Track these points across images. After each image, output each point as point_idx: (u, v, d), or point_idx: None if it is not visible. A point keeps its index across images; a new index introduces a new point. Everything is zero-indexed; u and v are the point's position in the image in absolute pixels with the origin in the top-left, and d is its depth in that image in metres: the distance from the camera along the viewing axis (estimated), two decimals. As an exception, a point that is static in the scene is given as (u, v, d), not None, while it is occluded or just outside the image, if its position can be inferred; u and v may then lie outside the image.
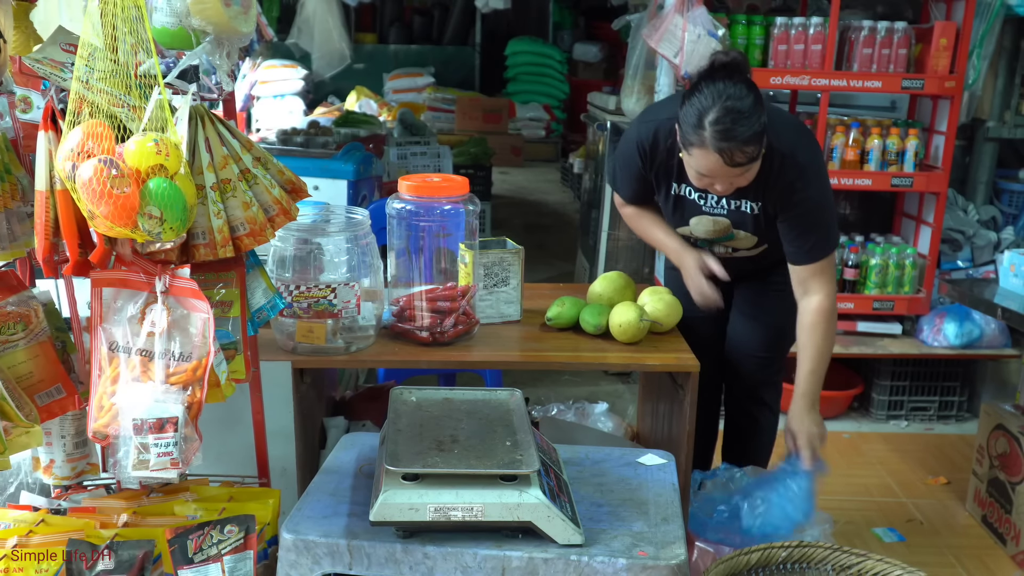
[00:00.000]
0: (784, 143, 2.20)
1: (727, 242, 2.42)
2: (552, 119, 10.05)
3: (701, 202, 2.35)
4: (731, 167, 2.07)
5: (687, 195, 2.37)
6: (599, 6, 9.52)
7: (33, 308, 1.67)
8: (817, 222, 2.27)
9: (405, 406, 1.91)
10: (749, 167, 2.11)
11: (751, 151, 2.06)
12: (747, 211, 2.31)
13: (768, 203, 2.28)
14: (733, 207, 2.32)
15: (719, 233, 2.39)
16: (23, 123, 1.73)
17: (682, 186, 2.36)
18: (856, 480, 3.47)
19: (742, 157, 2.06)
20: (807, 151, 2.25)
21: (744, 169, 2.10)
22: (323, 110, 7.92)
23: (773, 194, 2.25)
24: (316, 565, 1.65)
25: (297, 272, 2.15)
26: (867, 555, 1.89)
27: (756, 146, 2.06)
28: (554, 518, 1.61)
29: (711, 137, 2.03)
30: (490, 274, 2.41)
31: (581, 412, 3.07)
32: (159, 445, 1.54)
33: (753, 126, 2.03)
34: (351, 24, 9.49)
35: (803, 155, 2.22)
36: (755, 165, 2.12)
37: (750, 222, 2.34)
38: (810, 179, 2.22)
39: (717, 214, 2.35)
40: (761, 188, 2.24)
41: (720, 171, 2.10)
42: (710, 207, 2.35)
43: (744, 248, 2.42)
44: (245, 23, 1.68)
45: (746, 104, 2.03)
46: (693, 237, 2.45)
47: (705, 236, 2.42)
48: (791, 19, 3.63)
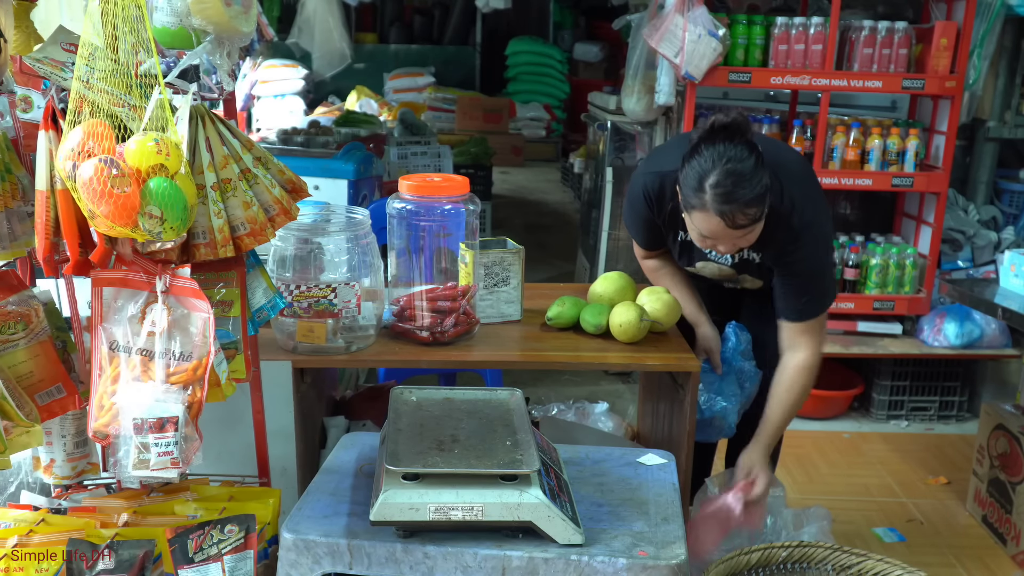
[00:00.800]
0: (785, 203, 2.16)
1: (733, 285, 2.47)
2: (552, 119, 10.05)
3: (707, 251, 2.33)
4: (733, 229, 2.05)
5: (692, 242, 2.31)
6: (600, 6, 9.52)
7: (33, 307, 1.67)
8: (811, 284, 2.26)
9: (405, 406, 1.91)
10: (752, 228, 2.08)
11: (753, 213, 2.03)
12: (750, 260, 2.32)
13: (766, 257, 2.28)
14: (737, 258, 2.33)
15: (725, 277, 2.43)
16: (24, 122, 1.73)
17: (687, 234, 2.31)
18: (856, 480, 3.47)
19: (744, 219, 2.03)
20: (808, 210, 2.20)
21: (747, 231, 2.08)
22: (323, 110, 7.92)
23: (770, 251, 2.24)
24: (316, 565, 1.65)
25: (297, 272, 2.15)
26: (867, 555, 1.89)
27: (758, 208, 2.03)
28: (554, 518, 1.61)
29: (712, 200, 2.01)
30: (490, 274, 2.41)
31: (581, 412, 3.07)
32: (159, 445, 1.54)
33: (755, 188, 2.00)
34: (351, 24, 9.49)
35: (802, 216, 2.18)
36: (758, 226, 2.09)
37: (755, 269, 2.34)
38: (807, 241, 2.20)
39: (722, 263, 2.36)
40: (759, 243, 2.20)
41: (722, 233, 2.07)
42: (714, 256, 2.35)
43: (752, 287, 2.44)
44: (246, 23, 1.68)
45: (747, 166, 2.00)
46: (701, 277, 2.47)
47: (712, 278, 2.45)
48: (792, 19, 3.64)
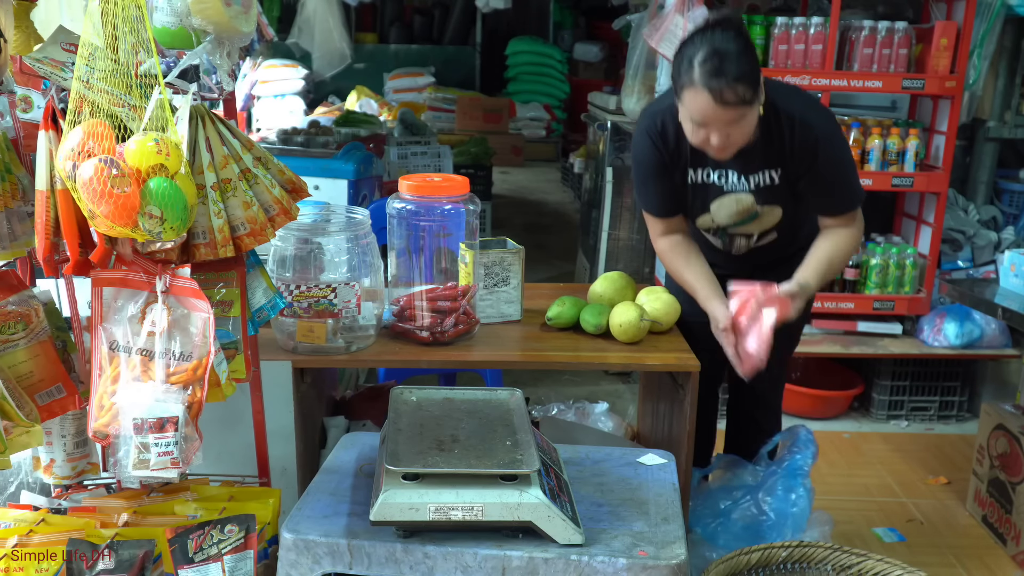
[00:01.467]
0: (796, 107, 2.22)
1: (750, 224, 2.36)
2: (552, 119, 10.05)
3: (722, 182, 2.31)
4: (721, 107, 2.05)
5: (705, 179, 2.33)
6: (600, 6, 9.52)
7: (33, 307, 1.67)
8: (841, 177, 2.28)
9: (405, 406, 1.91)
10: (742, 114, 2.08)
11: (741, 91, 2.04)
12: (769, 182, 2.29)
13: (789, 168, 2.27)
14: (754, 183, 2.29)
15: (742, 215, 2.33)
16: (24, 122, 1.73)
17: (698, 171, 2.33)
18: (856, 480, 3.47)
19: (732, 96, 2.03)
20: (820, 113, 2.27)
21: (736, 114, 2.07)
22: (323, 110, 7.92)
23: (795, 158, 2.25)
24: (316, 565, 1.65)
25: (297, 272, 2.15)
26: (867, 555, 1.89)
27: (747, 87, 2.04)
28: (554, 518, 1.61)
29: (700, 76, 2.03)
30: (490, 274, 2.41)
31: (581, 412, 3.07)
32: (159, 445, 1.54)
33: (743, 66, 2.03)
34: (351, 24, 9.49)
35: (816, 116, 2.24)
36: (749, 114, 2.10)
37: (772, 193, 2.30)
38: (828, 137, 2.23)
39: (740, 191, 2.31)
40: (780, 154, 2.24)
41: (712, 113, 2.07)
42: (731, 186, 2.31)
43: (769, 226, 2.37)
44: (246, 23, 1.68)
45: (735, 47, 2.04)
46: (715, 226, 2.39)
47: (728, 221, 2.36)
48: (792, 19, 3.64)
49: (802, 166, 2.25)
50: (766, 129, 2.21)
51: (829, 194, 2.30)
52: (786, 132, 2.21)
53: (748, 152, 2.23)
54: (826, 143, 2.23)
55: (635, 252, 4.40)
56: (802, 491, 2.31)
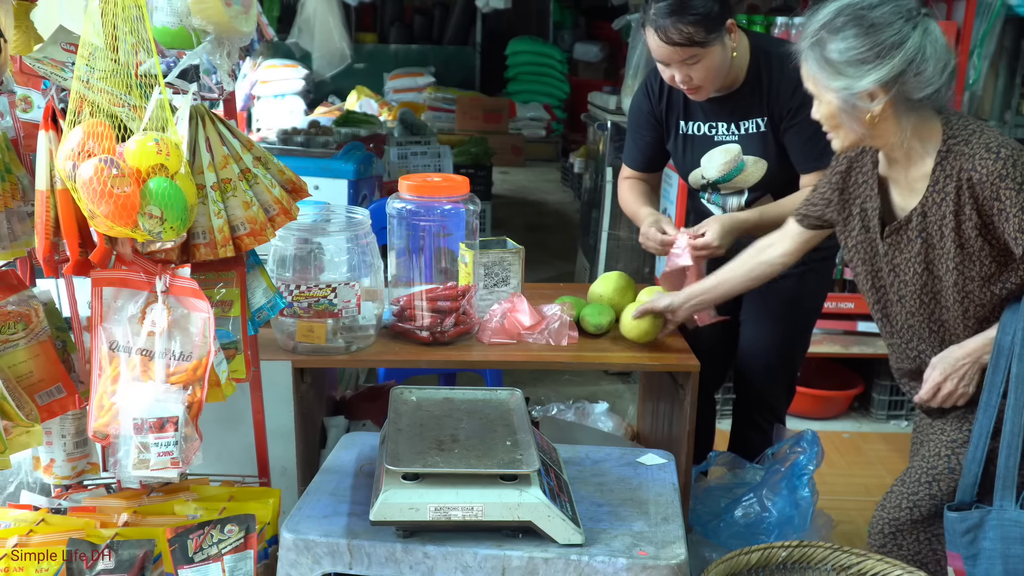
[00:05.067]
0: (783, 49, 2.26)
1: (737, 177, 2.42)
2: (553, 119, 10.04)
3: (712, 132, 2.40)
4: (669, 45, 2.17)
5: (695, 132, 2.43)
6: (600, 6, 9.51)
7: (33, 307, 1.67)
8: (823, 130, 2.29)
9: (405, 406, 1.91)
10: (694, 54, 2.18)
11: (688, 31, 2.14)
12: (754, 130, 2.37)
13: (774, 112, 2.33)
14: (743, 130, 2.38)
15: (730, 165, 2.41)
16: (24, 122, 1.73)
17: (689, 124, 2.43)
18: (856, 480, 3.47)
19: (676, 35, 2.15)
20: None
21: (687, 54, 2.18)
22: (323, 110, 7.92)
23: (780, 97, 2.30)
24: (316, 565, 1.65)
25: (297, 272, 2.15)
26: (867, 555, 1.89)
27: (697, 28, 2.15)
28: (554, 518, 1.61)
29: (652, 15, 2.18)
30: (490, 274, 2.41)
31: (581, 412, 3.07)
32: (159, 444, 1.54)
33: (697, 8, 2.14)
34: (351, 24, 9.48)
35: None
36: (704, 55, 2.19)
37: (758, 142, 2.37)
38: None
39: (728, 141, 2.40)
40: (765, 96, 2.31)
41: (661, 52, 2.21)
42: (720, 136, 2.40)
43: (755, 180, 2.42)
44: (246, 23, 1.68)
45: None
46: (706, 181, 2.47)
47: (717, 174, 2.43)
48: (792, 19, 3.63)
49: (786, 107, 2.30)
50: (754, 74, 2.32)
51: (812, 140, 2.25)
52: (775, 71, 2.29)
53: (735, 99, 2.35)
54: None
55: (635, 252, 4.40)
56: (806, 491, 2.31)
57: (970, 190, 1.75)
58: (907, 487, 1.94)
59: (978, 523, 1.78)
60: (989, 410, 1.81)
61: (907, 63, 1.70)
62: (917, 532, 1.93)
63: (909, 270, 1.88)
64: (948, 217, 1.79)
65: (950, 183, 1.77)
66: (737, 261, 2.20)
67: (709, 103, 2.37)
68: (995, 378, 1.80)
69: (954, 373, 1.86)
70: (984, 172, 1.72)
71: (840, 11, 1.73)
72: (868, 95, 1.73)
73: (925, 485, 1.91)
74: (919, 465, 1.94)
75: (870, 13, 1.71)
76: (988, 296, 1.83)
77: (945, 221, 1.79)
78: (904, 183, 1.87)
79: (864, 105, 1.74)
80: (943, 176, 1.78)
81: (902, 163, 1.85)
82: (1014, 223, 1.72)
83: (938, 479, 1.89)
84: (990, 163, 1.72)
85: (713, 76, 2.25)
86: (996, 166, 1.71)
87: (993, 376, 1.81)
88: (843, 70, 1.73)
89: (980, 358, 1.85)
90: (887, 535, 1.95)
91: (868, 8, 1.72)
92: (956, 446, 1.89)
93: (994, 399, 1.80)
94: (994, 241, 1.78)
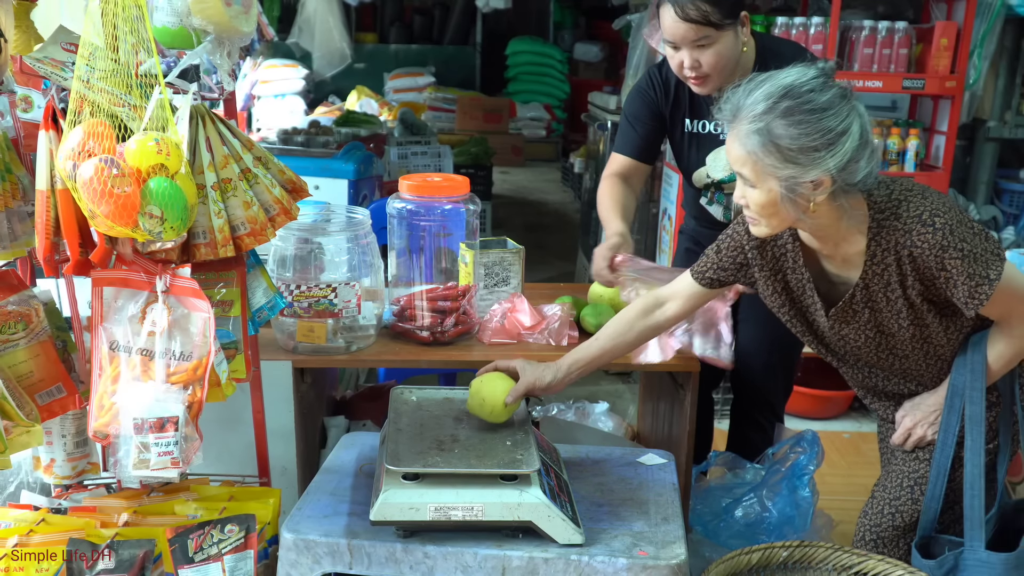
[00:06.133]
0: (790, 52, 2.29)
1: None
2: (553, 119, 10.05)
3: (717, 131, 2.41)
4: (685, 22, 2.15)
5: (701, 130, 2.43)
6: (600, 6, 9.52)
7: (34, 307, 1.68)
8: None
9: (405, 406, 1.91)
10: (708, 35, 2.17)
11: (706, 9, 2.13)
12: None
13: None
14: None
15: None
16: (24, 122, 1.73)
17: (695, 122, 2.44)
18: (856, 480, 3.47)
19: (694, 11, 2.14)
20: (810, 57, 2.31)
21: (701, 33, 2.16)
22: (324, 109, 7.92)
23: None
24: (316, 564, 1.66)
25: (298, 271, 2.15)
26: (867, 555, 1.89)
27: (714, 8, 2.13)
28: (554, 518, 1.61)
29: None
30: (490, 274, 2.41)
31: (581, 412, 3.07)
32: (160, 444, 1.54)
33: None
34: (352, 24, 9.49)
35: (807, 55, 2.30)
36: (718, 39, 2.18)
37: None
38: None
39: None
40: None
41: (676, 30, 2.18)
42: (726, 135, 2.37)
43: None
44: (246, 22, 1.68)
45: None
46: (710, 181, 2.47)
47: (722, 174, 2.43)
48: (792, 19, 3.64)
49: None
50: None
51: None
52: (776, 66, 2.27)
53: None
54: None
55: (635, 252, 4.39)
56: (807, 492, 2.31)
57: (911, 262, 1.71)
58: (888, 492, 1.95)
59: (953, 566, 1.81)
60: (946, 449, 1.84)
61: (855, 149, 1.61)
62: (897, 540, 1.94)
63: (860, 336, 1.87)
64: (893, 285, 1.75)
65: (888, 255, 1.72)
66: (623, 325, 1.99)
67: (715, 100, 2.36)
68: (950, 418, 1.84)
69: (924, 420, 1.92)
70: (924, 246, 1.67)
71: (785, 94, 1.62)
72: (813, 184, 1.63)
73: (907, 490, 1.93)
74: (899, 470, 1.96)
75: (818, 97, 1.61)
76: (946, 340, 1.84)
77: (890, 288, 1.76)
78: (837, 258, 1.81)
79: (808, 193, 1.64)
80: (880, 250, 1.73)
81: (832, 240, 1.77)
82: (963, 290, 1.69)
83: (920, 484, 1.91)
84: (928, 236, 1.66)
85: (722, 65, 2.23)
86: (936, 238, 1.66)
87: (948, 416, 1.84)
88: (794, 158, 1.61)
89: None
90: (868, 543, 1.96)
91: (814, 91, 1.62)
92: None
93: (950, 439, 1.84)
94: (943, 301, 1.78)
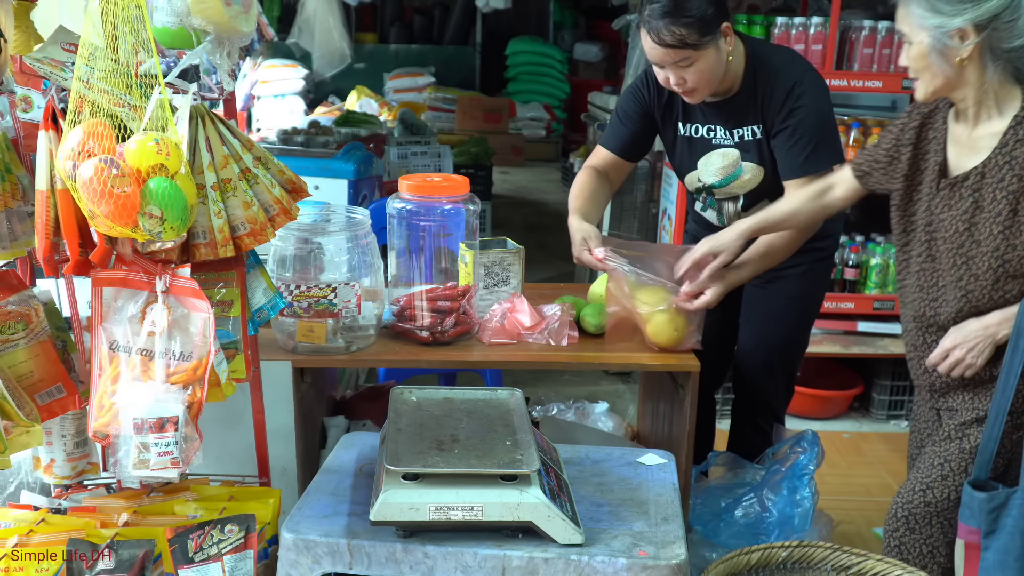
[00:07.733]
0: (780, 60, 2.31)
1: (734, 183, 2.41)
2: (553, 119, 10.04)
3: (710, 136, 2.40)
4: (661, 47, 2.16)
5: (694, 134, 2.43)
6: (600, 6, 9.52)
7: (33, 307, 1.68)
8: (812, 132, 2.27)
9: (405, 406, 1.91)
10: (687, 56, 2.16)
11: (681, 33, 2.13)
12: (750, 137, 2.35)
13: (767, 120, 2.32)
14: (737, 136, 2.37)
15: (728, 170, 2.40)
16: (24, 122, 1.73)
17: (687, 126, 2.43)
18: (856, 480, 3.47)
19: (669, 36, 2.13)
20: (803, 67, 2.32)
21: (680, 56, 2.16)
22: (324, 110, 7.92)
23: (772, 107, 2.29)
24: (316, 564, 1.65)
25: (297, 272, 2.15)
26: (867, 555, 1.89)
27: (690, 30, 2.13)
28: (554, 518, 1.61)
29: (646, 15, 2.17)
30: (490, 274, 2.41)
31: (581, 412, 3.07)
32: (159, 444, 1.54)
33: (691, 11, 2.12)
34: (351, 24, 9.48)
35: (799, 69, 2.30)
36: (698, 58, 2.17)
37: (754, 149, 2.36)
38: (806, 88, 2.27)
39: (725, 145, 2.39)
40: (759, 104, 2.30)
41: (654, 53, 2.20)
42: (719, 139, 2.39)
43: (751, 187, 2.40)
44: (246, 22, 1.68)
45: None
46: (703, 185, 2.46)
47: (714, 178, 2.42)
48: (791, 19, 3.63)
49: (777, 115, 2.29)
50: (750, 81, 2.31)
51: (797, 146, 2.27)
52: (769, 79, 2.28)
53: (732, 105, 2.34)
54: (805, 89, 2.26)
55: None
56: (807, 492, 2.32)
57: None
58: (920, 472, 1.97)
59: (1003, 503, 1.81)
60: (1007, 390, 1.82)
61: (1003, 7, 1.73)
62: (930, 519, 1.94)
63: (950, 228, 1.89)
64: (1008, 180, 1.80)
65: (1020, 148, 1.79)
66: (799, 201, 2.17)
67: (707, 106, 2.37)
68: (1014, 359, 1.81)
69: (965, 343, 1.89)
70: None
71: None
72: (960, 34, 1.76)
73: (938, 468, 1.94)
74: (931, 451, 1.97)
75: None
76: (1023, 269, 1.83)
77: (1003, 184, 1.81)
78: (966, 141, 1.88)
79: (955, 45, 1.76)
80: (1014, 140, 1.80)
81: (970, 120, 1.86)
82: None
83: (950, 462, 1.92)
84: None
85: (707, 79, 2.23)
86: None
87: (1012, 357, 1.81)
88: (939, 7, 1.76)
89: (996, 334, 1.86)
90: (899, 519, 1.98)
91: None
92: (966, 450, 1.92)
93: (1012, 380, 1.81)
94: None
